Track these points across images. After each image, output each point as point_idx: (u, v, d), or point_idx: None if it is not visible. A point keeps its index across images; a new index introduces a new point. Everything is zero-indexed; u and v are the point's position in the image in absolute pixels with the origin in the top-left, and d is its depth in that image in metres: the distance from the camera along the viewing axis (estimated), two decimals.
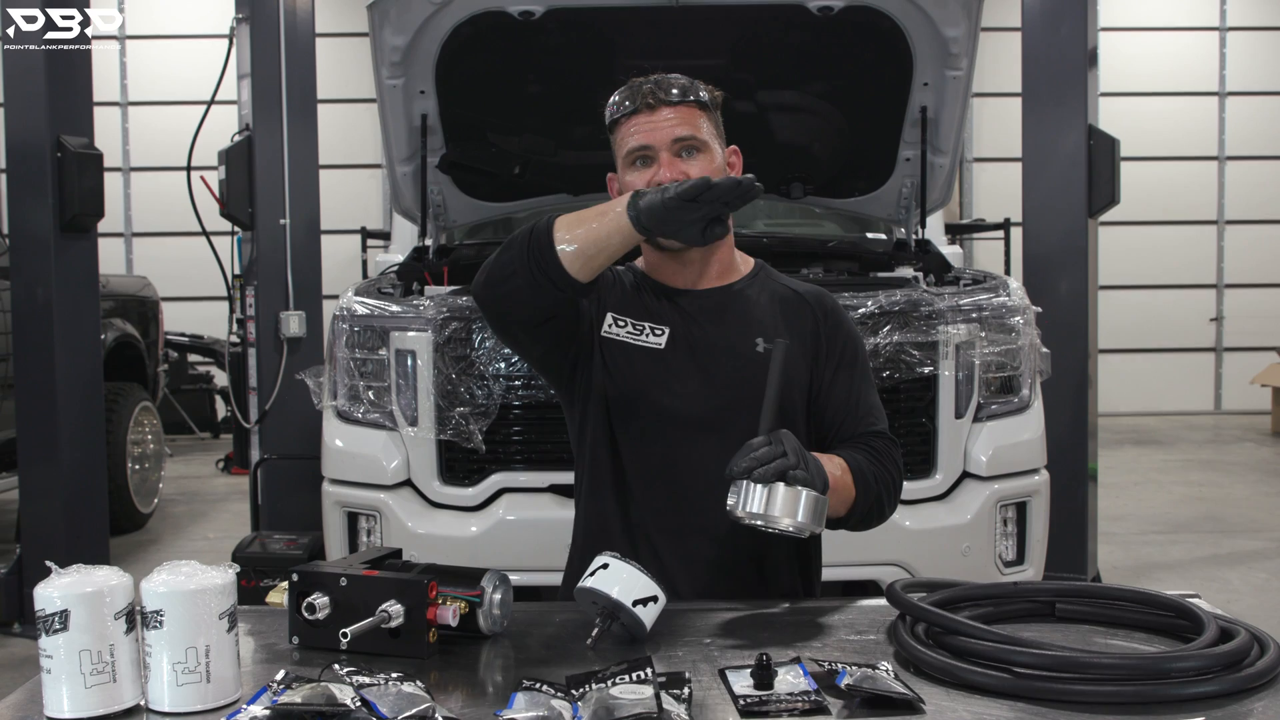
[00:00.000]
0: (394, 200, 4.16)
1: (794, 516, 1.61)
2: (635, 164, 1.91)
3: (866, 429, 1.95)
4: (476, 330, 3.24)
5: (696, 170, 1.87)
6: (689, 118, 1.90)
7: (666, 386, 1.91)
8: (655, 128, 1.88)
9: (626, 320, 1.95)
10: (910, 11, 3.49)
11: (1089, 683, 1.34)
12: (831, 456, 1.82)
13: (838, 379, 1.97)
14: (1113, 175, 4.58)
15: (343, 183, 9.45)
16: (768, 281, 2.03)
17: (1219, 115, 10.71)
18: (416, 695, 1.31)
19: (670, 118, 1.89)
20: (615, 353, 1.94)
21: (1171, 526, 6.25)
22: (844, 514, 1.84)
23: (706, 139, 1.91)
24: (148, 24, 10.24)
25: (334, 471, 3.41)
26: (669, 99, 1.89)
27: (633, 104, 1.90)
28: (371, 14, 3.49)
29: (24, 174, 4.34)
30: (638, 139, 1.89)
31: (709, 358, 1.92)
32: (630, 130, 1.90)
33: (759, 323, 1.96)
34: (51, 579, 1.36)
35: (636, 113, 1.89)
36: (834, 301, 2.04)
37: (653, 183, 1.87)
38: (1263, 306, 10.69)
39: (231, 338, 5.62)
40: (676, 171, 1.86)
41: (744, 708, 1.34)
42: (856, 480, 1.83)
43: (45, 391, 4.39)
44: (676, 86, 1.91)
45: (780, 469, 1.61)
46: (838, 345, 1.98)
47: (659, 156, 1.88)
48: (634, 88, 1.92)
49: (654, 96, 1.89)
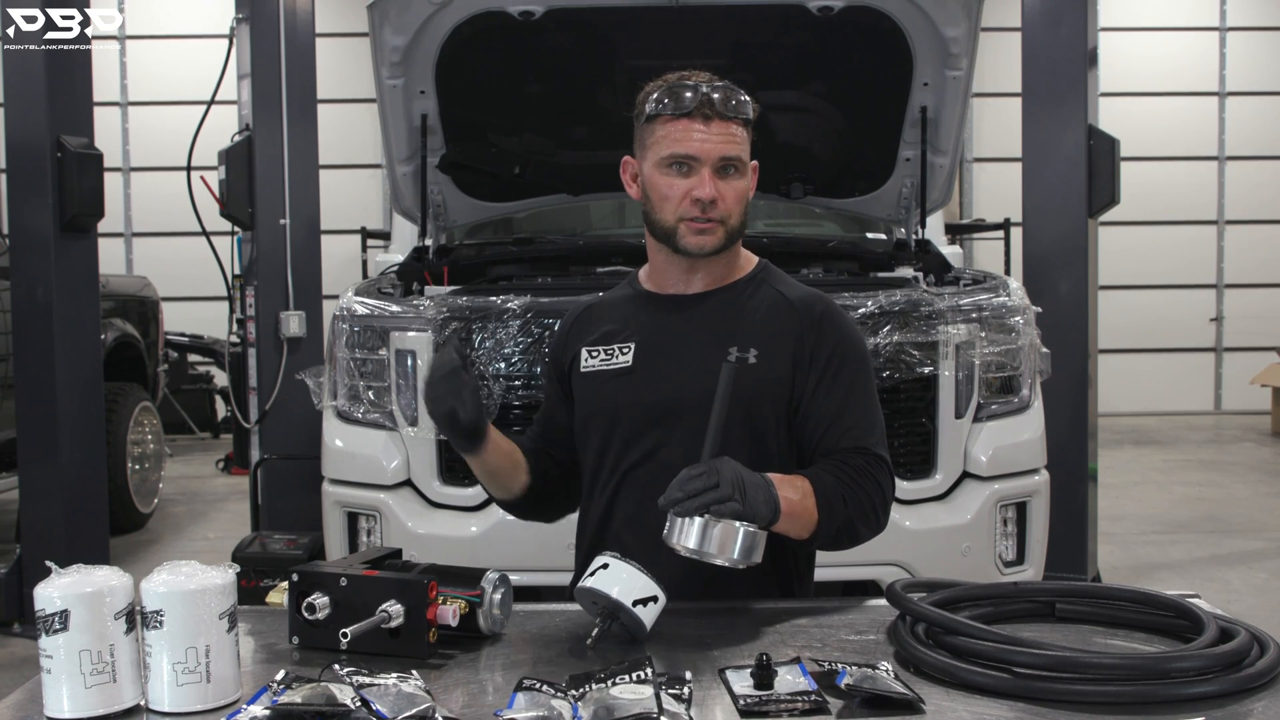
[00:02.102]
0: (394, 200, 4.16)
1: (726, 553, 1.58)
2: (673, 168, 1.86)
3: (850, 444, 1.86)
4: (476, 330, 3.24)
5: (731, 194, 1.86)
6: (738, 135, 1.86)
7: (634, 395, 1.91)
8: (708, 140, 1.83)
9: (598, 350, 1.97)
10: (910, 11, 3.49)
11: (1089, 683, 1.34)
12: (796, 478, 1.77)
13: (819, 390, 1.89)
14: (1113, 175, 4.58)
15: (343, 183, 9.45)
16: (764, 285, 1.98)
17: (1219, 115, 10.70)
18: (416, 695, 1.31)
19: (722, 133, 1.84)
20: (589, 382, 1.97)
21: (1171, 526, 6.25)
22: (805, 537, 1.78)
23: (747, 160, 1.89)
24: (148, 24, 10.23)
25: (334, 471, 3.41)
26: (726, 112, 1.84)
27: (688, 106, 1.84)
28: (371, 14, 3.49)
29: (24, 174, 4.34)
30: (685, 147, 1.84)
31: (676, 361, 1.91)
32: (677, 132, 1.85)
33: (738, 331, 1.91)
34: (51, 579, 1.36)
35: (689, 116, 1.84)
36: (827, 310, 1.94)
37: (690, 195, 1.85)
38: (1263, 306, 10.68)
39: (231, 338, 5.62)
40: (715, 190, 1.84)
41: (744, 708, 1.34)
42: (820, 504, 1.76)
43: (45, 391, 4.39)
44: (729, 100, 1.85)
45: (707, 502, 1.57)
46: (822, 355, 1.90)
47: (701, 171, 1.85)
48: (693, 88, 1.85)
49: (711, 107, 1.83)
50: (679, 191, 1.86)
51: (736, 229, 1.90)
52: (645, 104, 1.89)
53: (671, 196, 1.87)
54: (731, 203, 1.87)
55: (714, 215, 1.86)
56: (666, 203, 1.88)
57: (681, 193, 1.85)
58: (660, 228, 1.90)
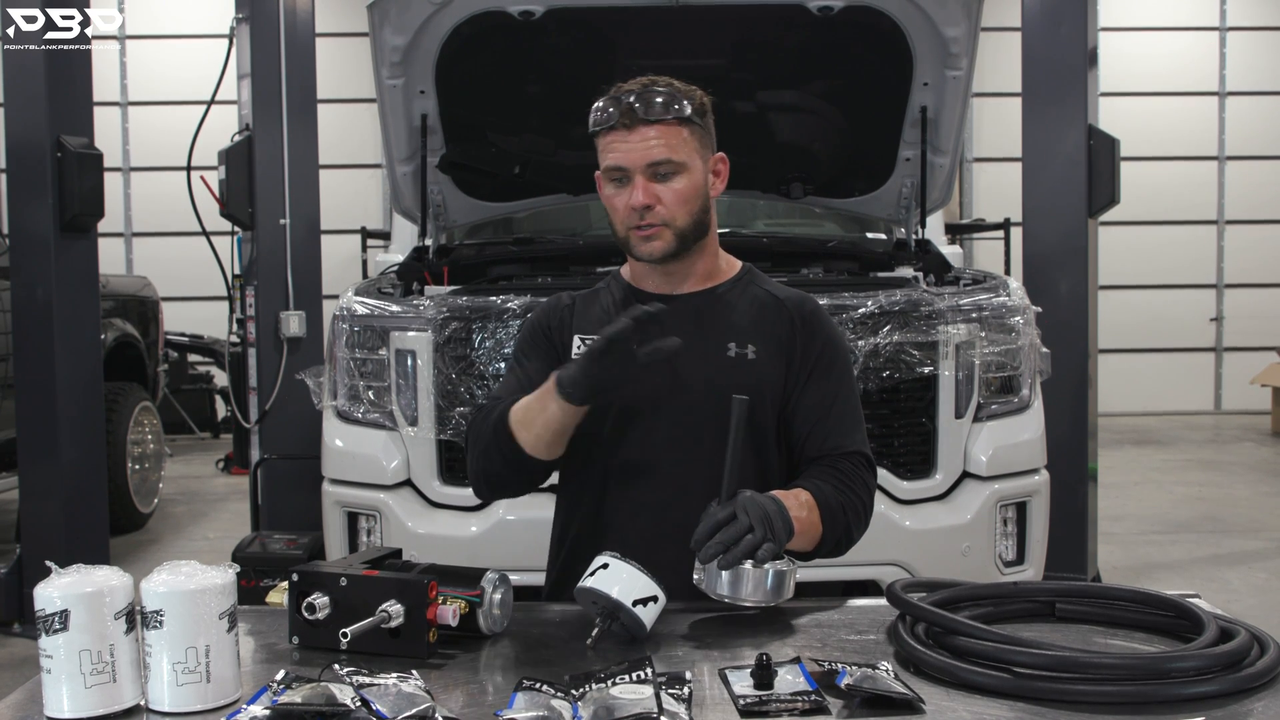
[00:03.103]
0: (394, 200, 4.16)
1: (761, 596, 1.62)
2: (612, 182, 1.90)
3: (835, 447, 1.90)
4: (476, 330, 3.24)
5: (670, 195, 1.86)
6: (668, 137, 1.85)
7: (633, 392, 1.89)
8: (631, 149, 1.84)
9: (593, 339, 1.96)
10: (910, 11, 3.49)
11: (1089, 683, 1.34)
12: (798, 493, 1.79)
13: (809, 388, 1.92)
14: (1113, 175, 4.58)
15: (343, 183, 9.45)
16: (750, 285, 2.01)
17: (1219, 115, 10.70)
18: (416, 695, 1.31)
19: (649, 138, 1.84)
20: None
21: (1171, 526, 6.25)
22: (810, 550, 1.82)
23: (684, 159, 1.87)
24: (148, 24, 10.23)
25: (334, 471, 3.41)
26: (648, 117, 1.84)
27: (612, 119, 1.86)
28: (371, 14, 3.49)
29: (24, 174, 4.34)
30: (614, 158, 1.87)
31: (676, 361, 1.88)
32: (609, 145, 1.87)
33: (733, 327, 1.94)
34: (51, 579, 1.36)
35: (614, 129, 1.86)
36: (816, 308, 1.99)
37: (627, 205, 1.87)
38: (1263, 306, 10.68)
39: (231, 338, 5.61)
40: (650, 196, 1.85)
41: (744, 708, 1.34)
42: (824, 515, 1.80)
43: (45, 391, 4.38)
44: (657, 102, 1.84)
45: (744, 553, 1.60)
46: (813, 353, 1.94)
47: (634, 179, 1.86)
48: (616, 99, 1.86)
49: (632, 115, 1.84)
50: (620, 204, 1.89)
51: (688, 229, 1.90)
52: (589, 118, 1.92)
53: (617, 209, 1.90)
54: (672, 204, 1.87)
55: (654, 220, 1.87)
56: (615, 215, 1.92)
57: (622, 205, 1.89)
58: (617, 238, 1.94)
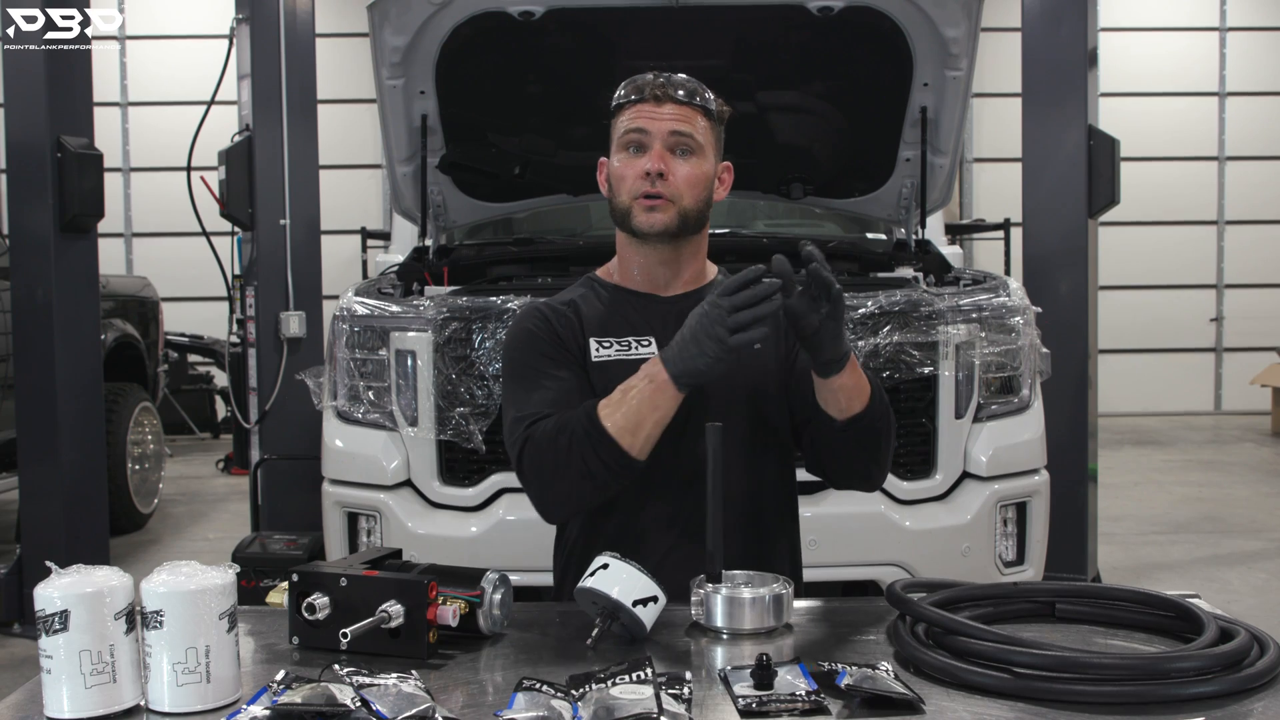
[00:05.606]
0: (394, 200, 4.16)
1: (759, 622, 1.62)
2: (628, 149, 1.91)
3: None
4: (476, 330, 3.24)
5: (684, 172, 1.88)
6: (691, 118, 1.90)
7: None
8: (656, 117, 1.89)
9: (611, 340, 1.95)
10: (910, 12, 3.49)
11: (1089, 683, 1.34)
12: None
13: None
14: (1113, 175, 4.58)
15: (343, 183, 9.45)
16: None
17: (1219, 115, 10.71)
18: (416, 695, 1.31)
19: (674, 113, 1.89)
20: (610, 372, 1.90)
21: (1171, 527, 6.25)
22: (859, 410, 1.80)
23: (703, 143, 1.91)
24: (148, 24, 10.24)
25: (334, 472, 3.41)
26: (675, 96, 1.90)
27: (639, 94, 1.91)
28: (371, 14, 3.49)
29: (24, 174, 4.34)
30: (636, 121, 1.90)
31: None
32: (634, 115, 1.90)
33: None
34: (51, 579, 1.35)
35: (643, 100, 1.90)
36: None
37: (638, 173, 1.88)
38: (1263, 307, 10.68)
39: (231, 338, 5.61)
40: (665, 163, 1.87)
41: (744, 708, 1.34)
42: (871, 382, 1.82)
43: (45, 391, 4.39)
44: (684, 87, 1.92)
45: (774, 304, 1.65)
46: None
47: (652, 146, 1.88)
48: (642, 80, 1.93)
49: (661, 90, 1.90)
50: (633, 171, 1.89)
51: (691, 212, 1.90)
52: (612, 101, 1.95)
53: (627, 176, 1.90)
54: (683, 182, 1.88)
55: (663, 190, 1.87)
56: (622, 183, 1.91)
57: (633, 173, 1.89)
58: (618, 211, 1.93)
